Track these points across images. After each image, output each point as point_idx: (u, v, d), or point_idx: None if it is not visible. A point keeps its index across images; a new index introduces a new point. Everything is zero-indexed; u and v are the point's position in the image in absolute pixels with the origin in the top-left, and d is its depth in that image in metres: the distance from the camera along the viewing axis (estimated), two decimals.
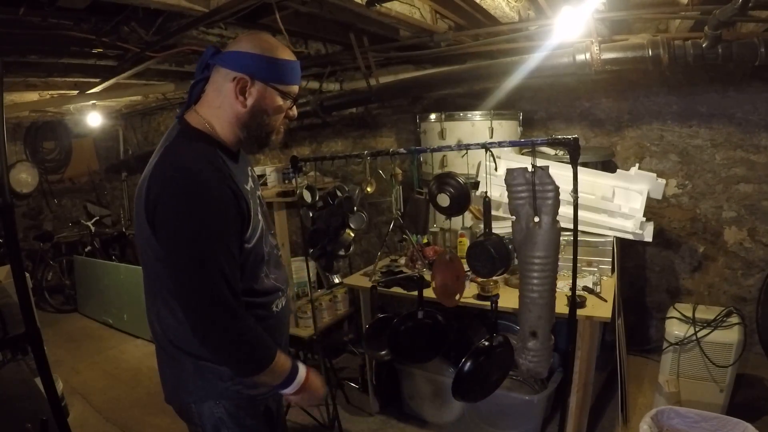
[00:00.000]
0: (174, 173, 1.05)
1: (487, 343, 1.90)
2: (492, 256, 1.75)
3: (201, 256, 1.04)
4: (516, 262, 1.76)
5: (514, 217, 1.68)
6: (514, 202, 1.66)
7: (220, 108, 1.13)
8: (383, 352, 2.22)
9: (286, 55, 1.14)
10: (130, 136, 6.35)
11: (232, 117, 1.13)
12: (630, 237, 2.41)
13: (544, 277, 1.66)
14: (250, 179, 1.26)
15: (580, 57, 2.61)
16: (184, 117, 1.16)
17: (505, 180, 1.67)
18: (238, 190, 1.11)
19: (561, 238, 2.41)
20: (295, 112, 1.21)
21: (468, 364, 1.88)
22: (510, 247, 1.75)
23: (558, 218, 1.63)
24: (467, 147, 1.92)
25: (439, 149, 2.32)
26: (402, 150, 2.16)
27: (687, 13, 2.39)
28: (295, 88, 1.18)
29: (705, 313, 2.51)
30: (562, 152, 2.81)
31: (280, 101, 1.15)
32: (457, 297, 2.01)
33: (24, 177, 5.66)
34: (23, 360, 2.07)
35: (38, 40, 2.39)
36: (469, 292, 2.28)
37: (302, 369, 1.23)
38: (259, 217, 1.22)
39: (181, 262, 1.06)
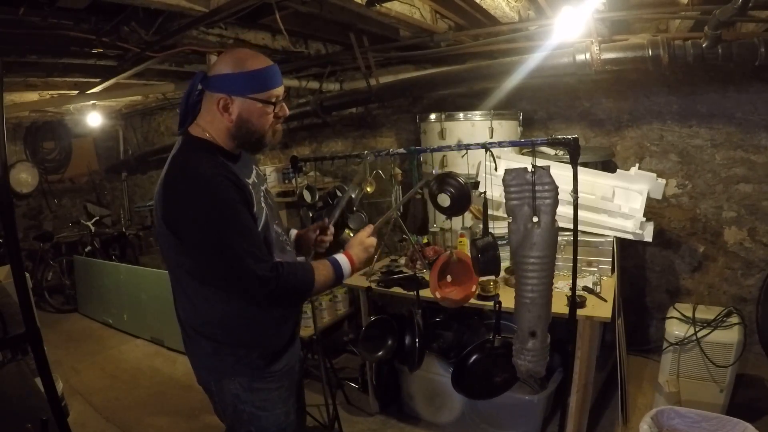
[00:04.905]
0: (177, 174, 1.23)
1: (490, 345, 1.91)
2: (476, 257, 1.75)
3: (221, 245, 1.18)
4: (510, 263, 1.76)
5: (510, 218, 1.68)
6: (511, 203, 1.66)
7: (212, 123, 1.29)
8: (379, 353, 2.22)
9: (257, 63, 1.25)
10: (130, 136, 6.35)
11: (224, 130, 1.29)
12: (630, 237, 2.41)
13: (543, 277, 1.65)
14: (253, 175, 1.40)
15: (580, 57, 2.61)
16: (187, 130, 1.32)
17: (503, 180, 1.67)
18: (236, 178, 1.25)
19: (561, 238, 2.43)
20: (285, 110, 1.33)
21: (473, 357, 1.89)
22: (497, 252, 1.76)
23: (558, 218, 1.63)
24: (467, 147, 1.92)
25: (439, 149, 2.32)
26: (402, 150, 2.16)
27: (687, 13, 2.40)
28: (276, 91, 1.28)
29: (705, 313, 2.51)
30: (562, 152, 2.81)
31: (261, 107, 1.26)
32: (474, 289, 2.03)
33: (24, 177, 5.66)
34: (23, 360, 2.06)
35: (38, 40, 2.39)
36: None
37: (343, 260, 1.40)
38: (263, 204, 1.35)
39: (207, 254, 1.21)
